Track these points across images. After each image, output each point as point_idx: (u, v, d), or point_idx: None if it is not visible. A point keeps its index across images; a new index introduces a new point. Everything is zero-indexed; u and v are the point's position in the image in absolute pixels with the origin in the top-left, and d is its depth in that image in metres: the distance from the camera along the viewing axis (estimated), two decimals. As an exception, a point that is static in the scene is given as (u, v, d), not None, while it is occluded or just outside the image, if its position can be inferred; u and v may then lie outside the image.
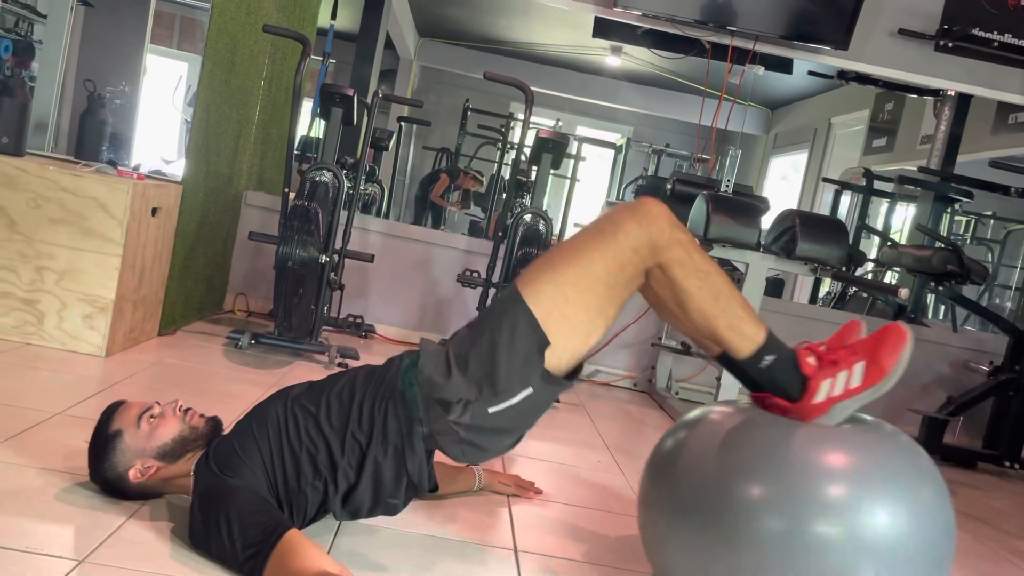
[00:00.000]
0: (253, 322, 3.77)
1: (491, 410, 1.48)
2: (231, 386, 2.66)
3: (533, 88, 3.11)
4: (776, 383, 1.49)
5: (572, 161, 4.55)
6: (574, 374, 1.56)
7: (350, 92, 3.08)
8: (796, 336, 1.58)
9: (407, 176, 9.13)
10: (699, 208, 2.95)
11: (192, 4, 5.79)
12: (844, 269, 5.05)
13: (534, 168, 3.52)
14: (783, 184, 9.89)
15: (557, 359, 1.48)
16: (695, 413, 1.62)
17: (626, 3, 3.53)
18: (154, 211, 2.82)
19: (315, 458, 1.52)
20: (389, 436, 1.51)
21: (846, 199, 6.44)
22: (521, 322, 1.46)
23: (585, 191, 9.74)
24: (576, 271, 1.47)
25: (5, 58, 4.56)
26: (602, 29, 4.15)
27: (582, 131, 10.53)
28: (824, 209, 7.44)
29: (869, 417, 1.55)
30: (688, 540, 1.44)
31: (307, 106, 6.35)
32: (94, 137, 3.58)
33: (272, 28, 2.98)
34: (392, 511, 1.62)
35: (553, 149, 3.22)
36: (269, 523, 1.40)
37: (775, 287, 6.69)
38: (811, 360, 1.49)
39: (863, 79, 5.07)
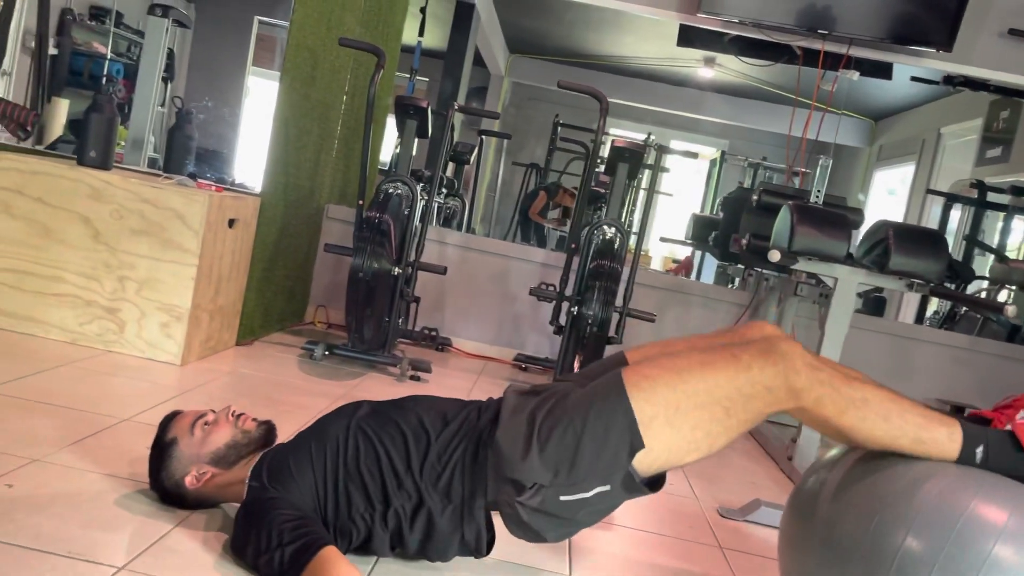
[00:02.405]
0: (333, 334, 3.80)
1: (563, 498, 1.41)
2: (301, 397, 2.66)
3: (624, 102, 3.04)
4: (1004, 471, 1.34)
5: (659, 174, 4.43)
6: (658, 482, 1.47)
7: (424, 103, 3.07)
8: (898, 358, 1.45)
9: (497, 192, 9.15)
10: (783, 219, 2.79)
11: (291, 27, 5.95)
12: (953, 287, 4.74)
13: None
14: (891, 200, 9.42)
15: (649, 463, 1.41)
16: (837, 451, 1.53)
17: (710, 8, 3.41)
18: (231, 222, 2.87)
19: (368, 491, 1.48)
20: (451, 495, 1.47)
21: (956, 215, 6.06)
22: (619, 419, 1.38)
23: (680, 206, 9.56)
24: (699, 385, 1.38)
25: (118, 80, 4.81)
26: (687, 37, 4.03)
27: (675, 145, 10.34)
28: (932, 224, 7.04)
29: None
30: None
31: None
32: (181, 152, 3.70)
33: (348, 41, 3.00)
34: (440, 560, 1.57)
35: (629, 159, 3.12)
36: (307, 539, 1.37)
37: (876, 306, 6.35)
38: None
39: (973, 84, 4.76)
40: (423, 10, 5.79)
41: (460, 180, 4.91)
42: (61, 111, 4.43)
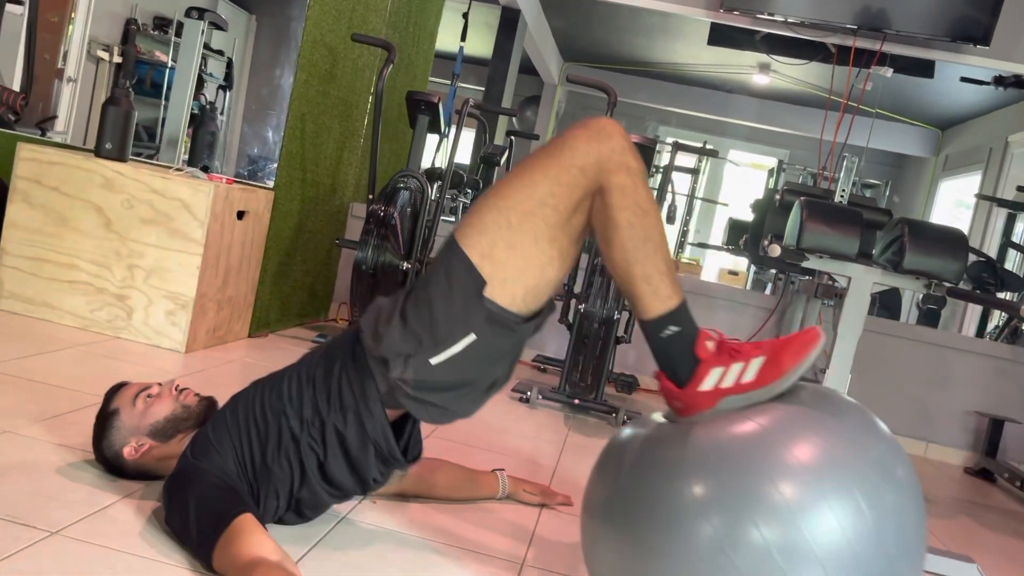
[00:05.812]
0: (352, 331, 3.83)
1: (433, 361, 1.37)
2: (299, 386, 2.67)
3: (681, 110, 3.00)
4: (669, 358, 1.33)
5: (700, 177, 4.34)
6: (535, 314, 1.42)
7: (435, 99, 3.08)
8: (937, 368, 1.37)
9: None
10: (794, 216, 2.70)
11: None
12: (1008, 294, 4.50)
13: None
14: (961, 212, 9.03)
15: (511, 296, 1.36)
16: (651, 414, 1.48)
17: (731, 5, 3.33)
18: (240, 214, 2.91)
19: (280, 437, 1.49)
20: (344, 401, 1.45)
21: (1022, 226, 5.79)
22: (455, 266, 1.36)
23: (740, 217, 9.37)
24: (519, 194, 1.34)
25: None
26: (717, 36, 3.95)
27: (734, 155, 10.16)
28: (995, 235, 6.74)
29: (827, 387, 1.33)
30: (619, 545, 1.27)
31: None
32: (202, 147, 3.80)
33: (360, 36, 3.03)
34: (375, 485, 1.56)
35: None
36: (224, 508, 1.37)
37: (931, 320, 6.13)
38: (710, 345, 1.32)
39: (1029, 85, 4.55)
40: (466, 15, 5.83)
41: (491, 182, 4.91)
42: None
